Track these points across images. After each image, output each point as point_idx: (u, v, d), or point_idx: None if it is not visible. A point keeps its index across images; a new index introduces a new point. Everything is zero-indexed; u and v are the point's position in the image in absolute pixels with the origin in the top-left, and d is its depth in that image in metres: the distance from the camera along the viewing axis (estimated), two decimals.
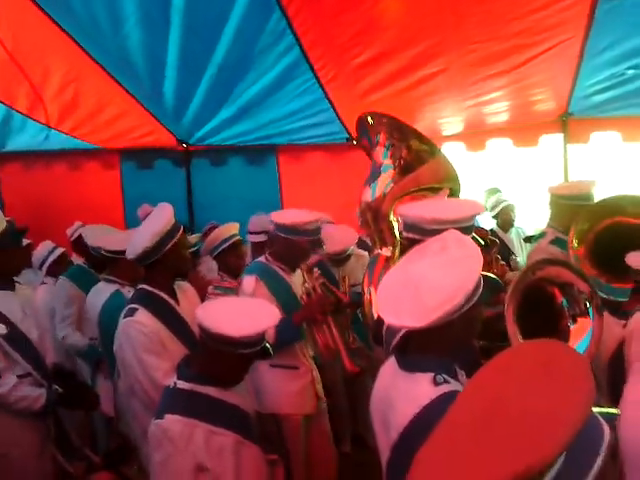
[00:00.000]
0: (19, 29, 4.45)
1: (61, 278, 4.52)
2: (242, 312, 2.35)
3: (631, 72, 4.62)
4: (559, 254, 3.76)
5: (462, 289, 1.65)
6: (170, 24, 4.18)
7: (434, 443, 1.07)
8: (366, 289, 3.43)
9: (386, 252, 3.36)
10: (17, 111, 5.36)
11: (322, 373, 3.82)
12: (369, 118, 3.41)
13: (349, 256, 4.77)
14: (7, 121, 5.59)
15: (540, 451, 0.84)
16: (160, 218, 2.89)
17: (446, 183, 3.26)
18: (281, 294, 3.45)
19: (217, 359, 2.29)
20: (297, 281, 3.65)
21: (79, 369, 4.40)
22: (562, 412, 0.89)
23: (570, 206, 3.85)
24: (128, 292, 3.78)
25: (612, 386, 2.54)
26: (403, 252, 2.47)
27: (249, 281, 3.38)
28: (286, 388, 3.46)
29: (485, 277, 1.82)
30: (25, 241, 4.25)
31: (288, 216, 3.52)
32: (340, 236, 4.76)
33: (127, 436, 3.56)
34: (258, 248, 4.55)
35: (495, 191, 6.47)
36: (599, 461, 0.88)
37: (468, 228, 2.38)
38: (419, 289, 1.69)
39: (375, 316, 3.34)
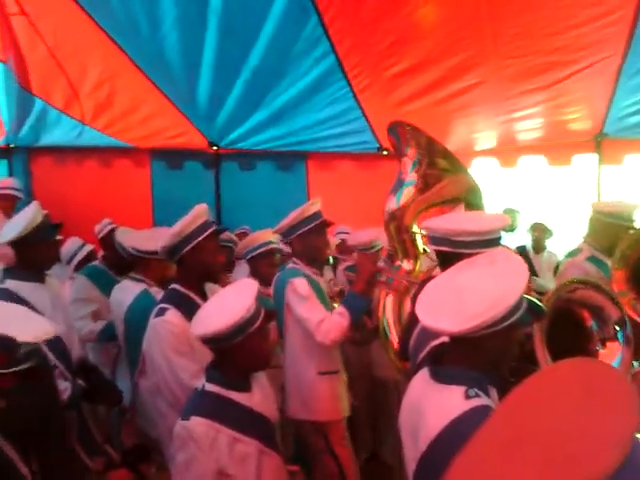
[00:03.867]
0: (60, 26, 4.53)
1: (79, 277, 4.49)
2: (223, 304, 2.32)
3: None
4: (594, 272, 3.74)
5: (504, 301, 1.64)
6: (207, 26, 4.21)
7: (466, 458, 1.05)
8: (382, 301, 3.43)
9: (407, 265, 3.34)
10: (53, 106, 5.43)
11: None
12: (402, 127, 3.42)
13: (379, 251, 4.75)
14: (43, 116, 5.67)
15: (588, 474, 0.81)
16: (186, 216, 2.89)
17: (468, 196, 3.26)
18: (319, 293, 3.44)
19: (225, 358, 2.29)
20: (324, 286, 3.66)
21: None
22: (609, 432, 0.86)
23: (611, 225, 3.82)
24: (156, 292, 3.78)
25: None
26: (440, 267, 2.45)
27: (302, 282, 3.35)
28: (332, 394, 3.44)
29: (528, 300, 1.80)
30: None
31: (285, 220, 3.50)
32: (366, 231, 4.78)
33: (146, 434, 3.57)
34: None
35: (509, 212, 6.34)
36: None
37: (494, 240, 2.37)
38: (462, 296, 1.70)
39: (394, 329, 3.34)
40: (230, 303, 2.27)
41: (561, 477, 0.84)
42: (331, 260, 5.07)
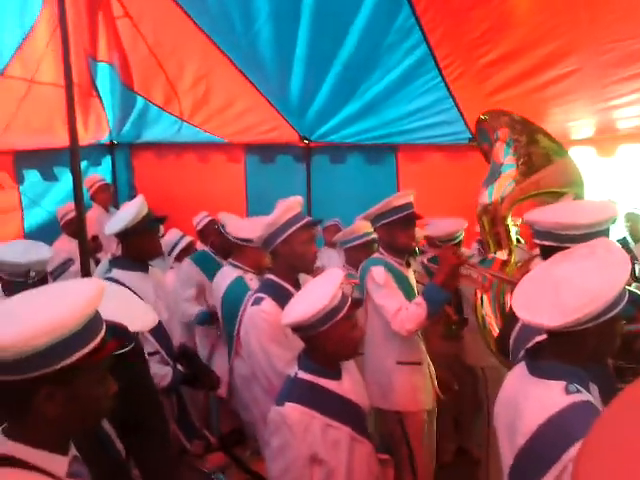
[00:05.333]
0: (159, 25, 4.75)
1: (186, 260, 4.75)
2: (310, 294, 2.39)
3: None
4: None
5: (604, 295, 1.60)
6: (300, 21, 4.27)
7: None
8: (479, 295, 3.37)
9: (501, 256, 3.28)
10: (153, 104, 5.69)
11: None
12: (487, 116, 3.36)
13: (459, 243, 4.72)
14: (144, 113, 5.97)
15: None
16: (279, 208, 2.96)
17: (570, 188, 3.15)
18: (402, 283, 3.42)
19: (314, 346, 2.36)
20: (411, 277, 3.64)
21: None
22: None
23: None
24: (250, 279, 3.93)
25: None
26: (544, 258, 2.37)
27: (379, 271, 3.35)
28: (411, 385, 3.42)
29: (629, 291, 1.74)
30: None
31: (374, 207, 3.49)
32: (448, 222, 4.76)
33: (240, 417, 3.69)
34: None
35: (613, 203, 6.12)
36: None
37: (603, 232, 2.28)
38: (559, 290, 1.67)
39: (493, 321, 3.28)
40: (316, 293, 2.34)
41: None
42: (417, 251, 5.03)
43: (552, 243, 2.30)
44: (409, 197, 3.47)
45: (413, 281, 3.63)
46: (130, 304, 2.26)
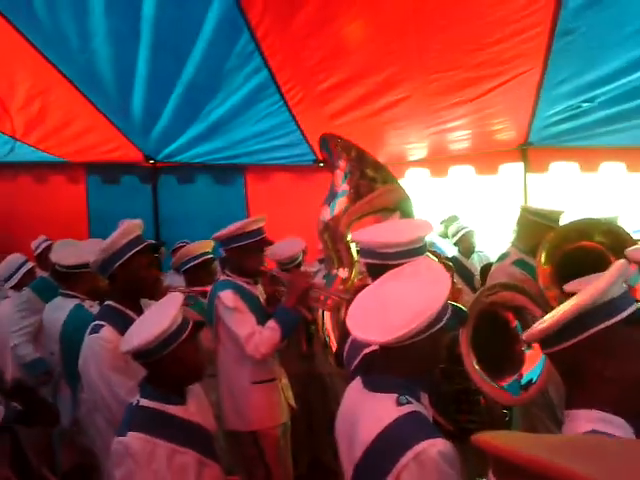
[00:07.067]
0: None
1: (25, 289, 4.49)
2: (149, 319, 2.38)
3: (586, 105, 4.79)
4: (519, 275, 3.84)
5: (427, 311, 1.71)
6: (140, 40, 4.20)
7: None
8: (320, 313, 3.47)
9: (342, 273, 3.42)
10: None
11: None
12: (333, 141, 3.50)
13: (299, 264, 4.86)
14: None
15: None
16: (115, 232, 2.87)
17: (398, 205, 3.35)
18: (253, 304, 3.49)
19: (156, 372, 2.33)
20: (260, 294, 3.72)
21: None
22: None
23: (539, 225, 3.91)
24: (90, 306, 3.78)
25: None
26: (371, 277, 2.49)
27: (228, 295, 3.40)
28: (267, 402, 3.49)
29: (453, 306, 1.89)
30: None
31: (226, 229, 3.55)
32: (287, 245, 4.87)
33: (89, 451, 3.53)
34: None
35: (454, 219, 6.56)
36: None
37: (419, 249, 2.41)
38: (387, 308, 1.78)
39: (333, 337, 3.40)
40: (156, 317, 2.31)
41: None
42: None
43: (374, 261, 2.41)
44: (261, 222, 3.57)
45: (261, 298, 3.70)
46: None
